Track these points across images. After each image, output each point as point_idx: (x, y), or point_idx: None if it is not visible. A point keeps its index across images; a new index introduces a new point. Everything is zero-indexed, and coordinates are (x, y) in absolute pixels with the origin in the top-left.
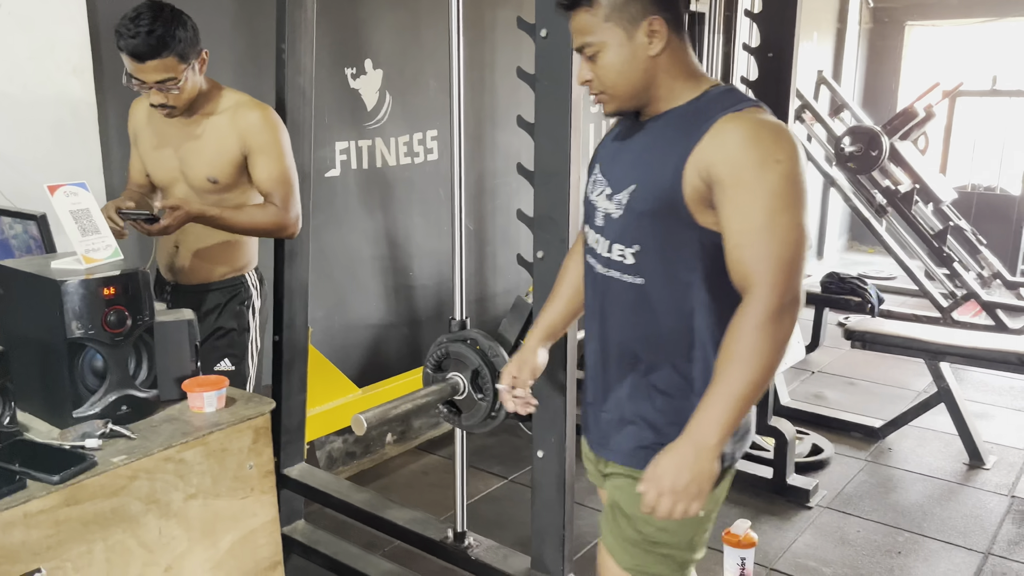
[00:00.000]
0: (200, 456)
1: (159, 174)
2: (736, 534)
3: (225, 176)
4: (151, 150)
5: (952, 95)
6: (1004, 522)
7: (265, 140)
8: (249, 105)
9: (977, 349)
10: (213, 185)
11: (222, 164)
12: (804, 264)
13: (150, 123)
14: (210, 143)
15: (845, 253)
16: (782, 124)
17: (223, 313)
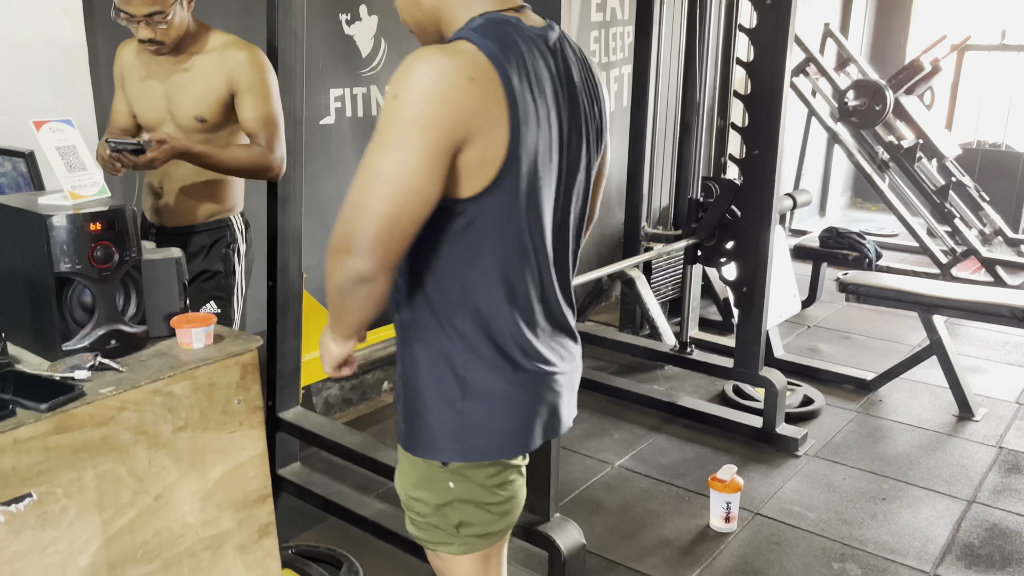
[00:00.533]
0: (188, 390)
1: (146, 113)
2: (722, 479)
3: (212, 115)
4: (139, 89)
5: (960, 49)
6: (990, 471)
7: (252, 80)
8: (237, 45)
9: (969, 302)
10: (200, 124)
11: (209, 102)
12: (374, 212)
13: (138, 63)
14: (198, 81)
15: (848, 210)
16: (432, 56)
17: (209, 255)
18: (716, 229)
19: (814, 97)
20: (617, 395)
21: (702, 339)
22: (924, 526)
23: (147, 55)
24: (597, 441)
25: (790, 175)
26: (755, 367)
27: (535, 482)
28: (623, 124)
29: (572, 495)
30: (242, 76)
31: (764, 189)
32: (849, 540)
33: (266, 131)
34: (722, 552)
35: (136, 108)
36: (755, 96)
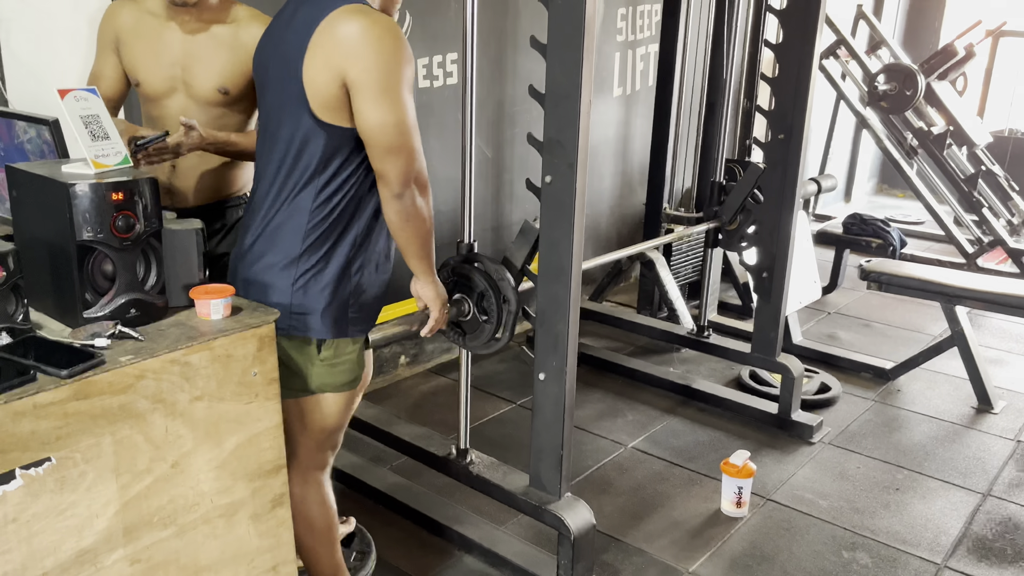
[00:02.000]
0: (206, 360)
1: (155, 82)
2: (735, 464)
3: (236, 87)
4: (144, 53)
5: (995, 34)
6: (1007, 465)
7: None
8: (261, 17)
9: (994, 293)
10: (222, 96)
11: (234, 73)
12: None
13: (143, 25)
14: (223, 50)
15: (874, 196)
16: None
17: (231, 234)
18: (738, 213)
19: (843, 80)
20: (632, 376)
21: (720, 323)
22: (937, 517)
23: (153, 18)
24: (611, 422)
25: (816, 159)
26: (772, 353)
27: (546, 461)
28: (648, 103)
29: (584, 474)
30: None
31: (787, 174)
32: (860, 529)
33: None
34: (732, 537)
35: (140, 75)
36: (782, 79)
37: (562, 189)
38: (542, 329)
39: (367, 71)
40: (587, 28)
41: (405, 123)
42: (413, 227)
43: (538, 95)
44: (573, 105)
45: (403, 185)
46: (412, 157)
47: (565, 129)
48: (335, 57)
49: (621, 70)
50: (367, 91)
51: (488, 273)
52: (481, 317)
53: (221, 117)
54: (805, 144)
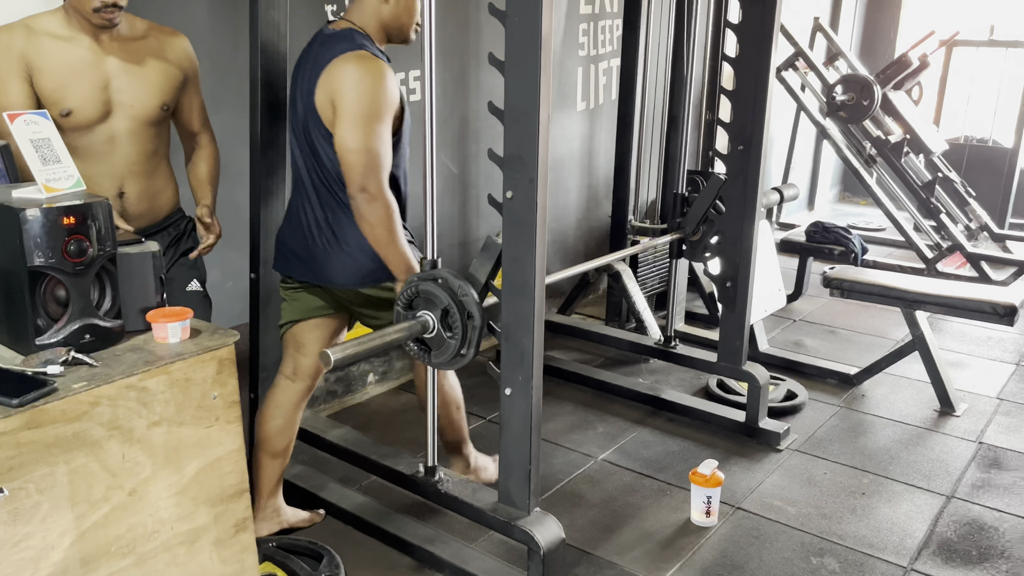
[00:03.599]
0: (163, 385)
1: (88, 108)
2: (703, 473)
3: (174, 101)
4: (73, 80)
5: (948, 44)
6: (969, 467)
7: (195, 69)
8: (168, 30)
9: (951, 298)
10: (164, 112)
11: (171, 88)
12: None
13: (54, 51)
14: (155, 67)
15: (836, 204)
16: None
17: (182, 240)
18: (701, 224)
19: (803, 92)
20: (602, 388)
21: (688, 333)
22: (902, 521)
23: (63, 42)
24: (581, 434)
25: (779, 169)
26: (738, 362)
27: (515, 477)
28: (612, 117)
29: (555, 488)
30: (190, 65)
31: (748, 184)
32: (828, 534)
33: (204, 121)
34: (702, 546)
35: (71, 102)
36: (740, 91)
37: (523, 204)
38: (507, 344)
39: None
40: (544, 45)
41: (363, 146)
42: (364, 222)
43: (497, 111)
44: (532, 121)
45: (356, 189)
46: (361, 172)
47: (525, 145)
48: (329, 88)
49: (584, 84)
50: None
51: (452, 289)
52: (446, 333)
53: (158, 135)
54: (765, 155)
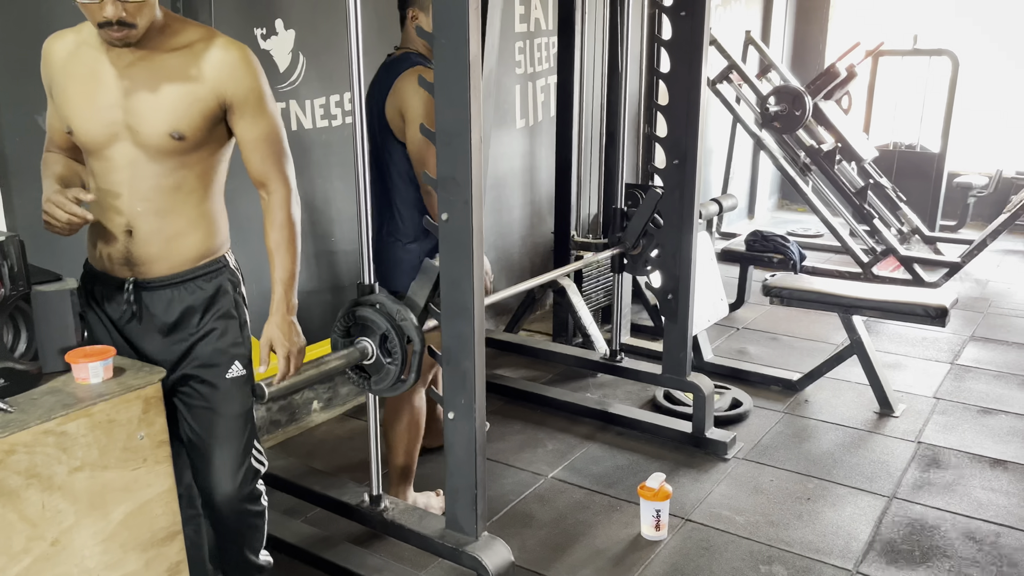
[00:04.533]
0: (85, 428)
1: (92, 131)
2: (651, 487)
3: (194, 130)
4: (78, 96)
5: (874, 54)
6: (909, 467)
7: (249, 91)
8: (224, 41)
9: (884, 302)
10: (176, 143)
11: (191, 114)
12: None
13: (75, 61)
14: (173, 87)
15: (776, 212)
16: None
17: (214, 306)
18: (640, 237)
19: (738, 104)
20: (551, 405)
21: (634, 345)
22: (847, 524)
23: (88, 50)
24: (531, 453)
25: (718, 180)
26: (683, 373)
27: (461, 502)
28: (552, 133)
29: (505, 509)
30: (238, 84)
31: (684, 197)
32: (776, 542)
33: (273, 156)
34: (653, 561)
35: (75, 123)
36: (673, 106)
37: (459, 226)
38: (449, 367)
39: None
40: (472, 66)
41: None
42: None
43: (429, 133)
44: (464, 142)
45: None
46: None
47: (458, 166)
48: (396, 103)
49: (523, 102)
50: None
51: (390, 314)
52: (385, 359)
53: (177, 169)
54: (699, 168)
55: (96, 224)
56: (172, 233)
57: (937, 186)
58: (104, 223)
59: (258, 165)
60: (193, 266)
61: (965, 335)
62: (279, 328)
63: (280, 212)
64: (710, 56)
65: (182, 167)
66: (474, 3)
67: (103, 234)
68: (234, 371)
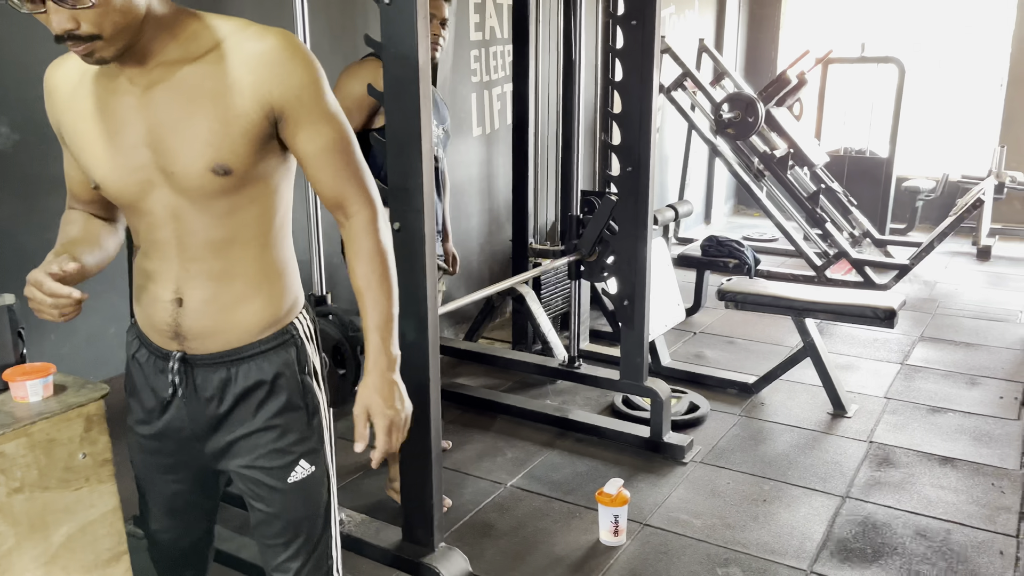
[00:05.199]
0: (23, 448)
1: (120, 181)
2: (609, 493)
3: (240, 158)
4: (97, 142)
5: (824, 62)
6: (861, 466)
7: (303, 89)
8: (256, 31)
9: (836, 304)
10: (223, 179)
11: (234, 139)
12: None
13: (82, 97)
14: (205, 106)
15: (732, 217)
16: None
17: (275, 395)
18: (596, 244)
19: (693, 111)
20: (510, 413)
21: (593, 351)
22: (801, 525)
23: (99, 79)
24: (490, 461)
25: (676, 186)
26: (640, 378)
27: (417, 514)
28: (508, 141)
29: (464, 519)
30: (286, 84)
31: (639, 204)
32: (732, 544)
33: (348, 169)
34: (611, 567)
35: (98, 173)
36: (626, 114)
37: (411, 235)
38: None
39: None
40: (422, 75)
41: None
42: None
43: (379, 143)
44: (415, 151)
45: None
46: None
47: (409, 175)
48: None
49: (479, 110)
50: None
51: (343, 324)
52: (339, 371)
53: (230, 215)
54: (653, 175)
55: (143, 288)
56: (229, 300)
57: (886, 190)
58: (153, 291)
59: (330, 184)
60: (254, 339)
61: (914, 335)
62: (378, 392)
63: (367, 239)
64: (665, 63)
65: (235, 211)
66: (423, 12)
67: (151, 302)
68: (298, 473)
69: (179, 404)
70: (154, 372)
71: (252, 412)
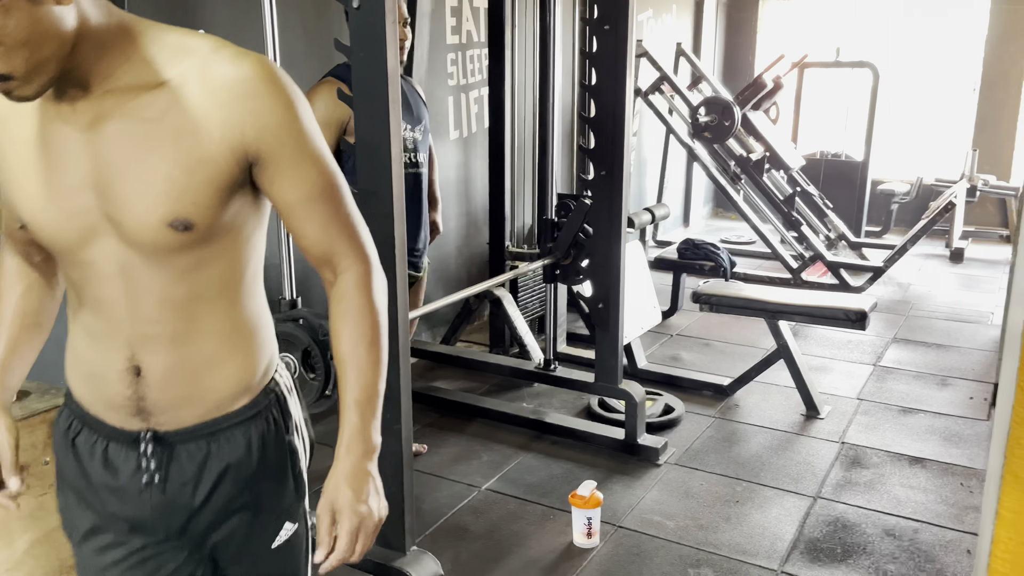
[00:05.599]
0: None
1: (55, 224)
2: (582, 495)
3: (206, 211)
4: (30, 176)
5: (799, 66)
6: (833, 467)
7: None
8: (230, 54)
9: (809, 307)
10: (184, 234)
11: (197, 189)
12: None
13: (15, 122)
14: (163, 147)
15: (710, 220)
16: None
17: (260, 468)
18: (571, 248)
19: (671, 115)
20: (487, 416)
21: (570, 354)
22: (773, 525)
23: (38, 102)
24: (466, 465)
25: (654, 189)
26: (614, 380)
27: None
28: (486, 145)
29: (438, 522)
30: (264, 122)
31: (612, 208)
32: (704, 545)
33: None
34: (584, 569)
35: (25, 211)
36: (600, 118)
37: (380, 240)
38: None
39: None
40: (391, 80)
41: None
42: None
43: (350, 146)
44: (384, 155)
45: None
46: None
47: (379, 179)
48: None
49: (456, 113)
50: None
51: (313, 328)
52: (308, 375)
53: (193, 271)
54: (627, 179)
55: (82, 354)
56: (200, 365)
57: (862, 193)
58: (97, 358)
59: (318, 237)
60: (233, 407)
61: (888, 337)
62: (349, 483)
63: (359, 297)
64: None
65: (199, 266)
66: (391, 17)
67: (97, 372)
68: (282, 536)
69: (150, 496)
70: (106, 462)
71: (236, 489)
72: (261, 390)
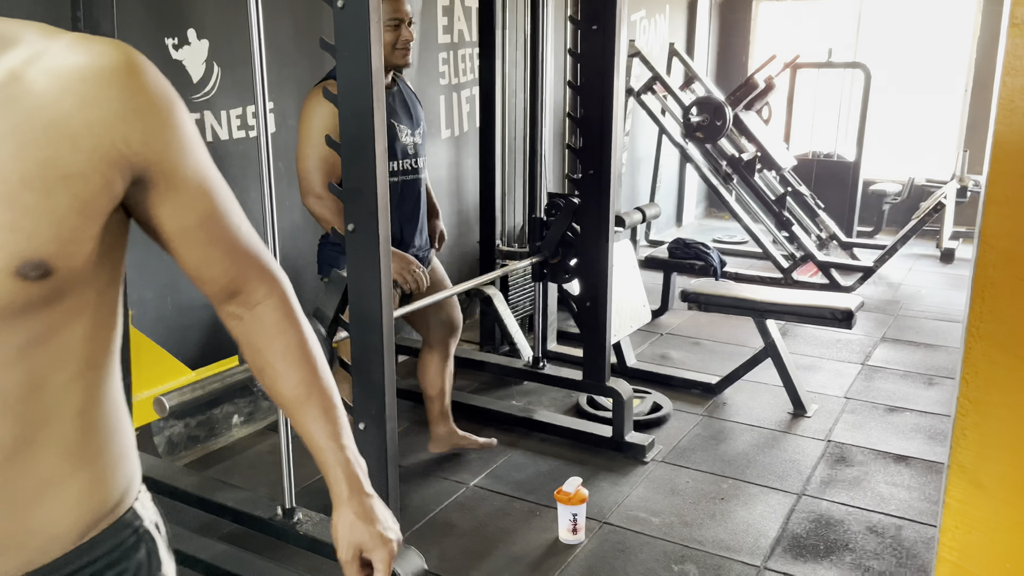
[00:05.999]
0: None
1: None
2: (567, 492)
3: (67, 246)
4: None
5: (792, 67)
6: (818, 465)
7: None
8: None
9: (796, 306)
10: (34, 285)
11: (57, 216)
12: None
13: None
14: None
15: (703, 219)
16: None
17: None
18: (559, 247)
19: (663, 115)
20: (476, 413)
21: (560, 352)
22: (757, 522)
23: None
24: (454, 462)
25: (647, 188)
26: (602, 378)
27: None
28: (476, 143)
29: (426, 519)
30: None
31: (600, 208)
32: (689, 541)
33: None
34: (569, 565)
35: None
36: (587, 118)
37: (366, 237)
38: (359, 378)
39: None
40: (376, 78)
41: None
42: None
43: (335, 144)
44: (369, 154)
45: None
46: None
47: (363, 178)
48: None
49: (447, 112)
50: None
51: None
52: None
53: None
54: (616, 179)
55: None
56: (30, 489)
57: (853, 193)
58: None
59: (223, 264)
60: (75, 546)
61: (876, 336)
62: (365, 521)
63: (290, 328)
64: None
65: (47, 338)
66: (375, 16)
67: None
68: None
69: None
70: None
71: None
72: (116, 520)
